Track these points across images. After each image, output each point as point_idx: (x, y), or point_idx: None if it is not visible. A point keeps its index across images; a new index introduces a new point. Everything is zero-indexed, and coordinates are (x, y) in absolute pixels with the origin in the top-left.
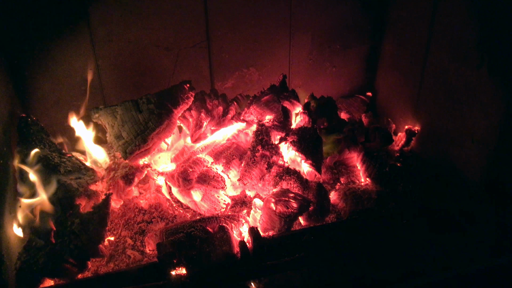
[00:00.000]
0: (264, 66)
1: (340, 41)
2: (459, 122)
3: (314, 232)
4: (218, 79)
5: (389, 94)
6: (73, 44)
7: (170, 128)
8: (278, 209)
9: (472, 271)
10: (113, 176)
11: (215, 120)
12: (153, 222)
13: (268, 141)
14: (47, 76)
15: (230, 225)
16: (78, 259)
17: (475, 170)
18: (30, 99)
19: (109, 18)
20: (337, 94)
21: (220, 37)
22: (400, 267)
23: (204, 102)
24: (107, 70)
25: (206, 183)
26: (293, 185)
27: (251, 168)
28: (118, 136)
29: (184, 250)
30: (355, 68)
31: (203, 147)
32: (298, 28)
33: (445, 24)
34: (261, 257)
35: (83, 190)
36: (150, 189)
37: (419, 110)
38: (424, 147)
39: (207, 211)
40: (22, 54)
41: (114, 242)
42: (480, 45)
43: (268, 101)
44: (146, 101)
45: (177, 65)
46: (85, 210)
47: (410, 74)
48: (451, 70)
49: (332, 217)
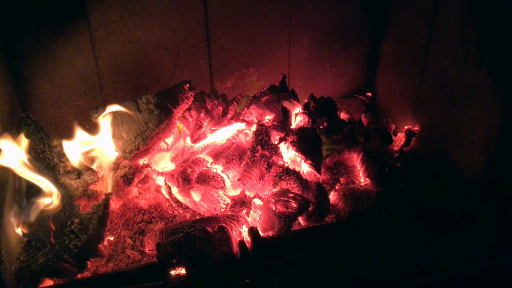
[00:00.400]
0: (264, 66)
1: (340, 41)
2: (459, 122)
3: (314, 232)
4: (218, 79)
5: (388, 94)
6: (73, 44)
7: (170, 128)
8: (278, 209)
9: (472, 271)
10: (112, 176)
11: (215, 120)
12: (152, 222)
13: (267, 141)
14: (46, 76)
15: (229, 225)
16: (77, 259)
17: (475, 170)
18: (29, 99)
19: (108, 18)
20: (336, 95)
21: (220, 37)
22: (400, 267)
23: (203, 102)
24: (107, 70)
25: (206, 183)
26: (293, 185)
27: (250, 168)
28: (118, 136)
29: (184, 250)
30: (355, 68)
31: (202, 147)
32: (298, 28)
33: (445, 24)
34: (260, 257)
35: (83, 190)
36: (150, 189)
37: (418, 110)
38: (424, 148)
39: (207, 211)
40: (22, 53)
41: (114, 242)
42: (480, 45)
43: (268, 101)
44: (146, 101)
45: (177, 65)
46: (84, 210)
47: (410, 74)
48: (451, 70)
49: (332, 217)
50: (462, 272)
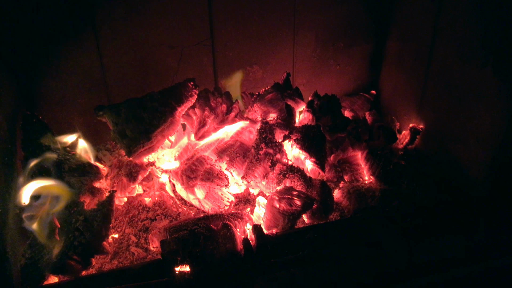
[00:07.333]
0: (268, 64)
1: (344, 39)
2: (463, 120)
3: (318, 230)
4: (222, 77)
5: (393, 92)
6: (78, 42)
7: (174, 125)
8: (282, 207)
9: (472, 271)
10: (117, 174)
11: (219, 118)
12: (157, 219)
13: (271, 139)
14: (51, 74)
15: (233, 222)
16: (82, 256)
17: (479, 168)
18: (34, 97)
19: (113, 16)
20: (341, 92)
21: (224, 35)
22: (402, 266)
23: (207, 100)
24: (112, 68)
25: (210, 180)
26: (297, 183)
27: (254, 166)
28: (122, 134)
29: (188, 248)
30: (359, 66)
31: (206, 144)
32: (302, 26)
33: (450, 22)
34: (264, 254)
35: (87, 187)
36: (154, 187)
37: (423, 108)
38: (428, 146)
39: (211, 208)
40: (26, 52)
41: (118, 239)
42: (485, 44)
43: (272, 99)
44: (150, 99)
45: (181, 63)
46: (89, 207)
47: (415, 72)
48: (455, 68)
49: (336, 215)
50: (462, 272)
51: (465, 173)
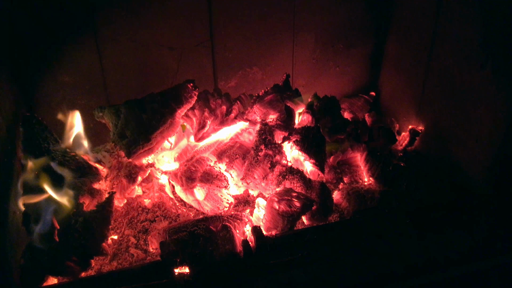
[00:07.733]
0: (268, 65)
1: (344, 40)
2: (463, 121)
3: (317, 232)
4: (222, 78)
5: (392, 93)
6: (78, 44)
7: (174, 127)
8: (281, 208)
9: (473, 271)
10: (116, 175)
11: (219, 119)
12: (156, 221)
13: (271, 140)
14: (51, 75)
15: (233, 224)
16: (81, 257)
17: (479, 170)
18: (34, 98)
19: (113, 18)
20: (340, 94)
21: (224, 37)
22: (402, 265)
23: (207, 101)
24: (111, 70)
25: (209, 182)
26: (296, 185)
27: (254, 167)
28: (122, 135)
29: (187, 249)
30: (359, 67)
31: (206, 146)
32: (301, 28)
33: (449, 23)
34: (264, 256)
35: (87, 188)
36: (154, 188)
37: (423, 109)
38: (428, 147)
39: (210, 210)
40: (26, 53)
41: (118, 240)
42: (484, 44)
43: (272, 100)
44: (150, 100)
45: (181, 64)
46: (88, 209)
47: (414, 73)
48: (455, 69)
49: (335, 217)
50: (462, 272)
51: (465, 174)
